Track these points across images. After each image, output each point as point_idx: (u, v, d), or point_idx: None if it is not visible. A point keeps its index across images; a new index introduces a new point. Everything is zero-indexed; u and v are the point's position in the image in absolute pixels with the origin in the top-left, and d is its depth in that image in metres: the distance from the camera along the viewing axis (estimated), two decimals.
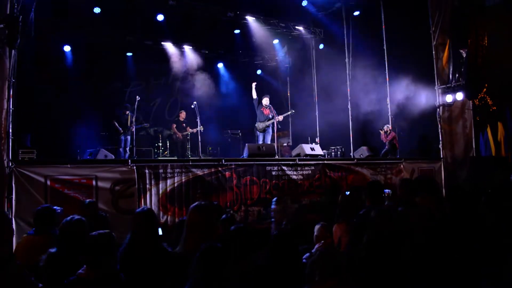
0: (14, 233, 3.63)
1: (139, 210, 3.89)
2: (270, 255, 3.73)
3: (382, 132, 13.37)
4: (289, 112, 13.51)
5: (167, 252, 3.65)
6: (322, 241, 4.60)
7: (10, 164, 7.76)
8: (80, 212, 5.83)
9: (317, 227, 4.82)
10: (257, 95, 13.33)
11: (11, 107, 8.15)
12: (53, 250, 3.81)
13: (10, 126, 8.08)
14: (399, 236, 3.88)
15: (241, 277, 3.38)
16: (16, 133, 8.52)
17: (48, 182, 7.89)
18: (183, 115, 14.13)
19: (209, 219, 3.68)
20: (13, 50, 8.26)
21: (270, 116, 12.74)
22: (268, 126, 12.78)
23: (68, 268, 3.46)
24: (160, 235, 3.97)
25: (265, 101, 13.06)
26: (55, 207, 5.13)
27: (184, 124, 13.96)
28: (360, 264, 3.64)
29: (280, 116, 12.75)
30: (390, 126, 13.50)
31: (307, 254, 3.08)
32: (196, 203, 3.77)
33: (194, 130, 13.28)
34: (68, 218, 4.04)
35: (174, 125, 13.93)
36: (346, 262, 3.31)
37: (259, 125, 12.83)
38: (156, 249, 3.61)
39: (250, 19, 15.64)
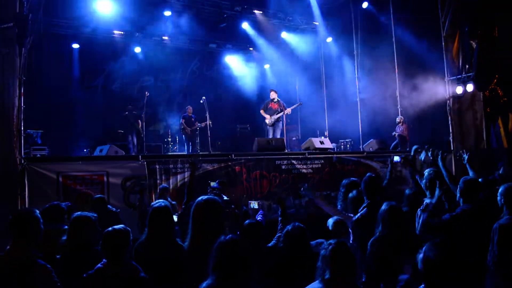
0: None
1: (156, 205, 3.86)
2: (284, 249, 3.77)
3: (396, 134, 13.29)
4: (296, 104, 13.46)
5: (181, 248, 3.64)
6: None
7: (23, 161, 7.84)
8: (90, 208, 5.91)
9: (331, 222, 4.60)
10: (266, 89, 13.28)
11: (22, 104, 8.21)
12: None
13: (22, 124, 8.15)
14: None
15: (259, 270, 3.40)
16: (28, 131, 8.61)
17: (60, 179, 7.97)
18: (190, 110, 14.16)
19: (215, 214, 3.60)
20: (23, 48, 8.32)
21: (279, 110, 12.70)
22: (277, 121, 12.74)
23: (80, 262, 3.52)
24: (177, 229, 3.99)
25: (273, 95, 13.00)
26: (62, 203, 5.14)
27: (192, 119, 13.99)
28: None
29: (288, 109, 12.70)
30: (402, 117, 13.42)
31: (323, 244, 3.00)
32: (199, 198, 3.71)
33: (203, 125, 13.32)
34: (77, 213, 4.05)
35: (183, 120, 13.96)
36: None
37: (269, 120, 12.80)
38: (171, 245, 3.61)
39: (257, 13, 15.61)
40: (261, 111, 12.97)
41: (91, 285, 3.22)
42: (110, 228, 3.39)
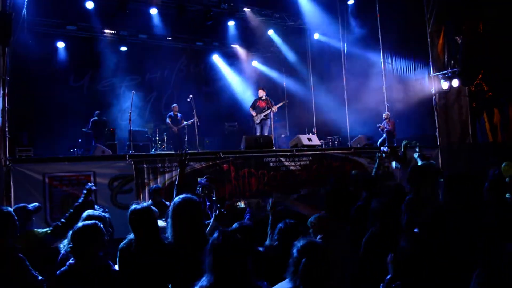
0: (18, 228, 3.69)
1: (138, 207, 3.83)
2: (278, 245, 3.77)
3: (381, 126, 13.33)
4: (282, 102, 13.50)
5: (166, 247, 3.62)
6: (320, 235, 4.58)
7: (8, 162, 7.75)
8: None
9: (311, 220, 4.51)
10: (254, 86, 13.28)
11: (6, 105, 8.12)
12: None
13: (6, 125, 8.05)
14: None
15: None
16: (13, 131, 8.51)
17: (46, 179, 7.90)
18: (176, 108, 14.07)
19: (193, 213, 3.56)
20: (6, 48, 8.22)
21: (266, 108, 12.70)
22: (265, 118, 12.76)
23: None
24: (162, 226, 3.95)
25: (261, 93, 13.04)
26: (29, 205, 5.09)
27: (178, 117, 13.92)
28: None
29: (274, 106, 12.74)
30: (388, 113, 13.51)
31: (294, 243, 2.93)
32: (177, 198, 3.67)
33: (189, 122, 13.25)
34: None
35: (169, 119, 13.89)
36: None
37: (256, 117, 12.80)
38: (157, 245, 3.59)
39: (244, 11, 15.59)
40: (250, 109, 12.99)
41: (64, 281, 3.25)
42: (79, 224, 3.42)
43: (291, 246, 3.57)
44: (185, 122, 13.62)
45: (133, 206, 3.69)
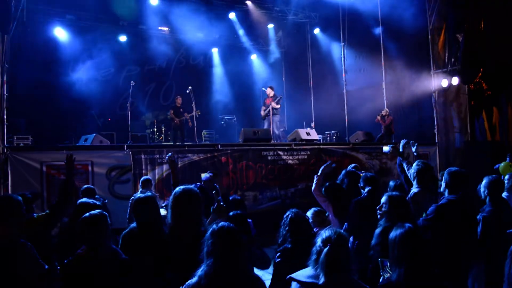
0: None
1: (142, 196, 3.87)
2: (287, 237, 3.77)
3: (379, 117, 13.36)
4: (278, 98, 13.56)
5: (166, 235, 3.65)
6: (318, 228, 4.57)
7: (5, 150, 7.73)
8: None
9: (309, 213, 4.62)
10: (253, 79, 13.36)
11: (5, 93, 8.08)
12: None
13: (5, 112, 8.02)
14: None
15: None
16: (11, 119, 8.48)
17: (44, 168, 7.89)
18: (179, 100, 14.01)
19: (193, 204, 3.55)
20: (5, 35, 8.17)
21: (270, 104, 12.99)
22: (268, 115, 12.95)
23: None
24: (163, 215, 3.99)
25: (267, 91, 13.35)
26: (26, 192, 5.07)
27: (181, 110, 13.89)
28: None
29: (272, 102, 12.89)
30: (387, 110, 13.51)
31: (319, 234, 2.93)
32: (177, 188, 3.69)
33: (188, 116, 13.21)
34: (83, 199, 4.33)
35: (172, 111, 13.85)
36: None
37: (262, 113, 13.35)
38: (158, 233, 3.62)
39: (245, 3, 15.53)
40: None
41: (73, 271, 3.26)
42: (87, 214, 3.43)
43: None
44: (187, 115, 13.50)
45: (138, 195, 3.75)
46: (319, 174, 5.32)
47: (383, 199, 3.93)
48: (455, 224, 4.04)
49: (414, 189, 4.86)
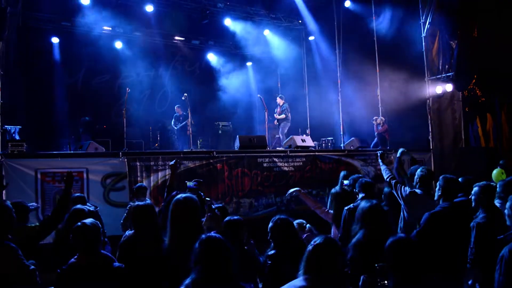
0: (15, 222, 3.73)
1: (141, 204, 3.90)
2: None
3: (375, 124, 13.43)
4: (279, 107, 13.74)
5: (164, 243, 3.65)
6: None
7: (0, 157, 7.70)
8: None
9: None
10: (248, 86, 13.52)
11: (0, 99, 8.07)
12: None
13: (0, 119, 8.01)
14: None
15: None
16: (6, 126, 8.46)
17: (39, 175, 7.86)
18: (179, 110, 14.14)
19: (193, 212, 3.58)
20: (0, 42, 8.17)
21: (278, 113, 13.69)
22: (278, 123, 13.76)
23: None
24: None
25: (277, 101, 13.90)
26: (29, 203, 5.13)
27: (181, 118, 14.00)
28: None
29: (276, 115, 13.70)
30: (383, 118, 13.55)
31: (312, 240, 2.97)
32: (178, 196, 3.69)
33: (188, 122, 13.23)
34: (77, 206, 4.42)
35: (174, 120, 14.01)
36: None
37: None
38: (156, 242, 3.62)
39: (240, 10, 15.59)
40: None
41: (66, 279, 3.28)
42: (79, 223, 3.46)
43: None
44: (183, 123, 13.63)
45: (136, 203, 3.77)
46: (302, 197, 5.46)
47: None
48: (449, 232, 4.07)
49: (417, 190, 4.93)
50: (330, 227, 5.74)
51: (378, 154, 6.09)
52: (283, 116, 13.52)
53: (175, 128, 13.93)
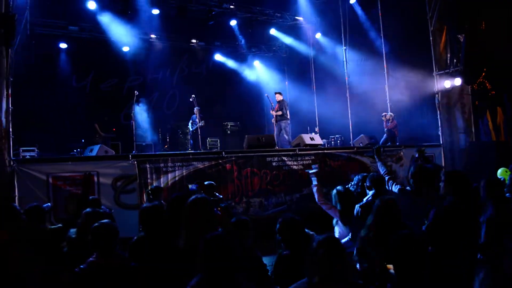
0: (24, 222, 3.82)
1: (149, 205, 3.93)
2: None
3: (384, 120, 13.38)
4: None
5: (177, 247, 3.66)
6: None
7: (12, 163, 7.79)
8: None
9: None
10: (255, 86, 13.42)
11: (10, 106, 8.15)
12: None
13: (10, 125, 8.09)
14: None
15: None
16: (16, 132, 8.55)
17: (50, 180, 7.94)
18: (196, 111, 14.17)
19: (207, 213, 3.59)
20: (10, 49, 8.25)
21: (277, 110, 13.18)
22: (276, 120, 13.13)
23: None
24: None
25: (276, 97, 13.34)
26: (44, 205, 5.23)
27: (198, 119, 14.03)
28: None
29: (271, 111, 13.18)
30: (392, 114, 13.48)
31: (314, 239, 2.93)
32: (193, 197, 3.71)
33: (200, 124, 13.24)
34: (89, 209, 4.32)
35: (191, 122, 14.07)
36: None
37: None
38: (167, 244, 3.64)
39: (246, 10, 15.60)
40: None
41: (85, 278, 3.32)
42: (97, 223, 3.52)
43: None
44: (199, 124, 13.64)
45: (144, 204, 3.80)
46: (315, 183, 5.40)
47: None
48: (457, 228, 4.04)
49: (407, 188, 4.94)
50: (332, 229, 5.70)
51: (374, 150, 6.08)
52: (280, 112, 13.06)
53: (191, 129, 13.85)
